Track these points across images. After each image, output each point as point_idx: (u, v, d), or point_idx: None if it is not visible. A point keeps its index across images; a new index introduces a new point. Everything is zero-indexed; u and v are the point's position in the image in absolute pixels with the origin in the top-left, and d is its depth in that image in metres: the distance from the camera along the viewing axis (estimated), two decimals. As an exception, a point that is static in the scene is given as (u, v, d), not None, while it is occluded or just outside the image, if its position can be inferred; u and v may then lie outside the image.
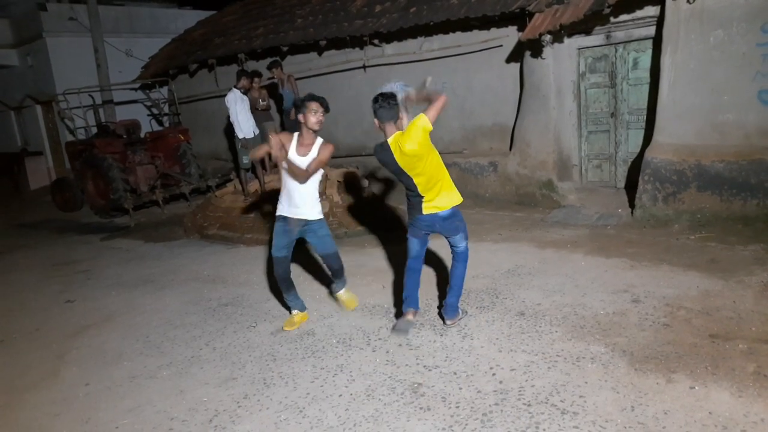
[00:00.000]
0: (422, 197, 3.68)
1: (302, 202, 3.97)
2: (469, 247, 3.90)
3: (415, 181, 3.64)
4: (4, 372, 4.00)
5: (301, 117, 3.88)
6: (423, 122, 3.49)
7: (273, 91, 8.80)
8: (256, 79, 8.08)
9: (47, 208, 11.28)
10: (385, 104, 3.57)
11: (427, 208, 3.69)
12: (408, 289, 3.96)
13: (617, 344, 3.48)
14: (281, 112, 8.82)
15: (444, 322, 3.99)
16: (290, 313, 4.35)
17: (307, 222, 4.03)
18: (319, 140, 4.00)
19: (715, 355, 3.24)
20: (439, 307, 4.18)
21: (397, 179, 3.79)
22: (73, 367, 3.98)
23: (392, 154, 3.60)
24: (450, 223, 3.75)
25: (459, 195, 3.76)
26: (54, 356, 4.20)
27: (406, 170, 3.61)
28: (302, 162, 3.90)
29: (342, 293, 4.45)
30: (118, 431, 3.11)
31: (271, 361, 3.76)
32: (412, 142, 3.52)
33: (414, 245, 3.90)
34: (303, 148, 3.94)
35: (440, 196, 3.68)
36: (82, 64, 12.68)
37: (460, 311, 4.02)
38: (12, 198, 13.58)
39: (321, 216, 4.10)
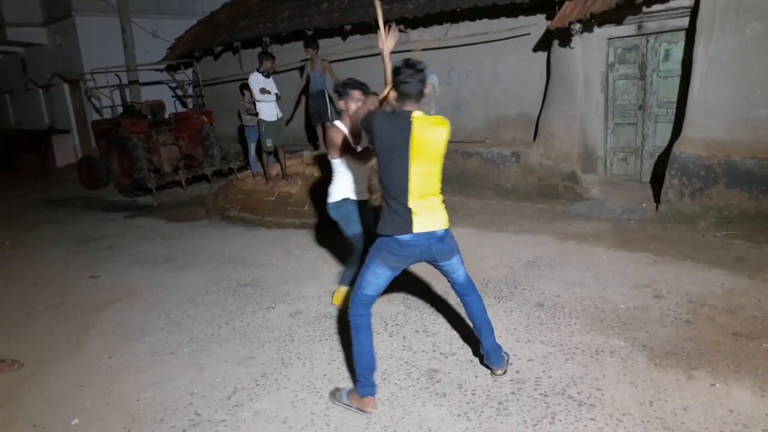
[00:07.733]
0: (409, 208, 2.72)
1: None
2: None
3: (412, 176, 2.69)
4: (31, 343, 4.11)
5: (342, 104, 3.76)
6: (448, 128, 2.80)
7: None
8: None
9: (73, 186, 11.51)
10: (414, 78, 2.69)
11: (420, 225, 2.74)
12: (365, 358, 2.87)
13: (637, 339, 3.44)
14: (307, 96, 8.68)
15: (493, 373, 3.16)
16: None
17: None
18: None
19: (738, 354, 3.19)
20: (478, 356, 3.32)
21: (380, 167, 2.79)
22: (96, 341, 4.07)
23: (410, 129, 2.64)
24: (447, 244, 2.87)
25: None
26: (78, 329, 4.30)
27: (412, 156, 2.67)
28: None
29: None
30: (139, 404, 3.19)
31: (289, 341, 3.80)
32: (446, 131, 2.76)
33: (381, 279, 2.85)
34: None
35: (435, 210, 2.80)
36: (109, 43, 12.83)
37: (503, 352, 3.19)
38: (39, 175, 13.87)
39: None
